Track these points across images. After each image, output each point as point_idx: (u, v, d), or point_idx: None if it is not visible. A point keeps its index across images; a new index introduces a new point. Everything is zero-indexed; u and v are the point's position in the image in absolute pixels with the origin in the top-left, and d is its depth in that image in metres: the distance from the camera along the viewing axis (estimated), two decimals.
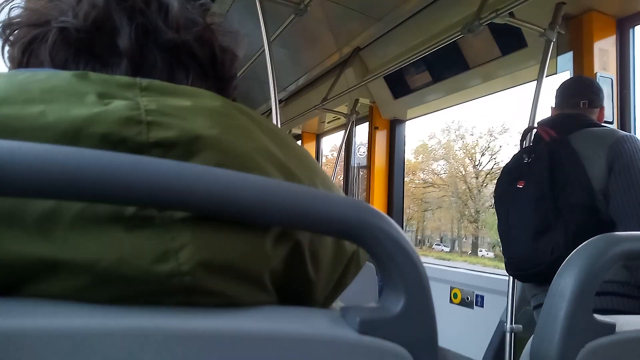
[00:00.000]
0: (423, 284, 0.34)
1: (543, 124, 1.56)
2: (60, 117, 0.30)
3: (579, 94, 1.55)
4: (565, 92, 1.59)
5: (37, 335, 0.25)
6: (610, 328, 0.44)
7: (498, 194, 1.59)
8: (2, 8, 0.43)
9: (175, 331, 0.27)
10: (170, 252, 0.29)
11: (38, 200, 0.28)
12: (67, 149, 0.26)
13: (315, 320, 0.33)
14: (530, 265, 1.39)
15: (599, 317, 0.44)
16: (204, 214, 0.30)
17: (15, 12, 0.43)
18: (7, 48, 0.43)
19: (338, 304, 0.45)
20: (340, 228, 0.32)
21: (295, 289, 0.38)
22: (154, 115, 0.32)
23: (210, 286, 0.31)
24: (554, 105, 1.63)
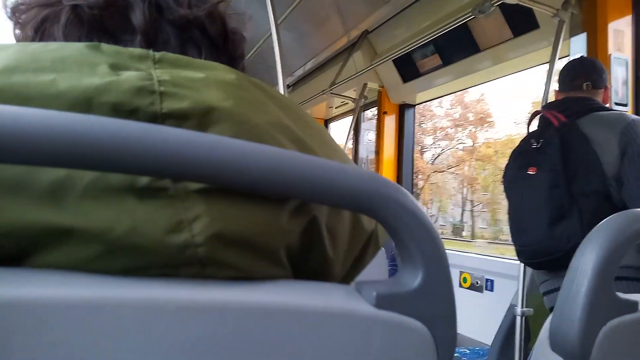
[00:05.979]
0: (441, 257, 0.33)
1: (550, 108, 1.52)
2: (71, 86, 0.29)
3: (582, 75, 1.52)
4: (568, 75, 1.56)
5: (45, 304, 0.24)
6: (633, 306, 0.43)
7: (507, 180, 1.55)
8: None
9: (188, 303, 0.27)
10: (184, 222, 0.29)
11: (50, 168, 0.27)
12: (74, 115, 0.24)
13: (330, 294, 0.33)
14: (546, 253, 1.36)
15: (621, 294, 0.43)
16: (218, 185, 0.30)
17: None
18: (17, 31, 0.42)
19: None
20: (355, 200, 0.31)
21: (313, 265, 0.37)
22: (166, 86, 0.32)
23: (225, 258, 0.30)
24: (557, 89, 1.60)
